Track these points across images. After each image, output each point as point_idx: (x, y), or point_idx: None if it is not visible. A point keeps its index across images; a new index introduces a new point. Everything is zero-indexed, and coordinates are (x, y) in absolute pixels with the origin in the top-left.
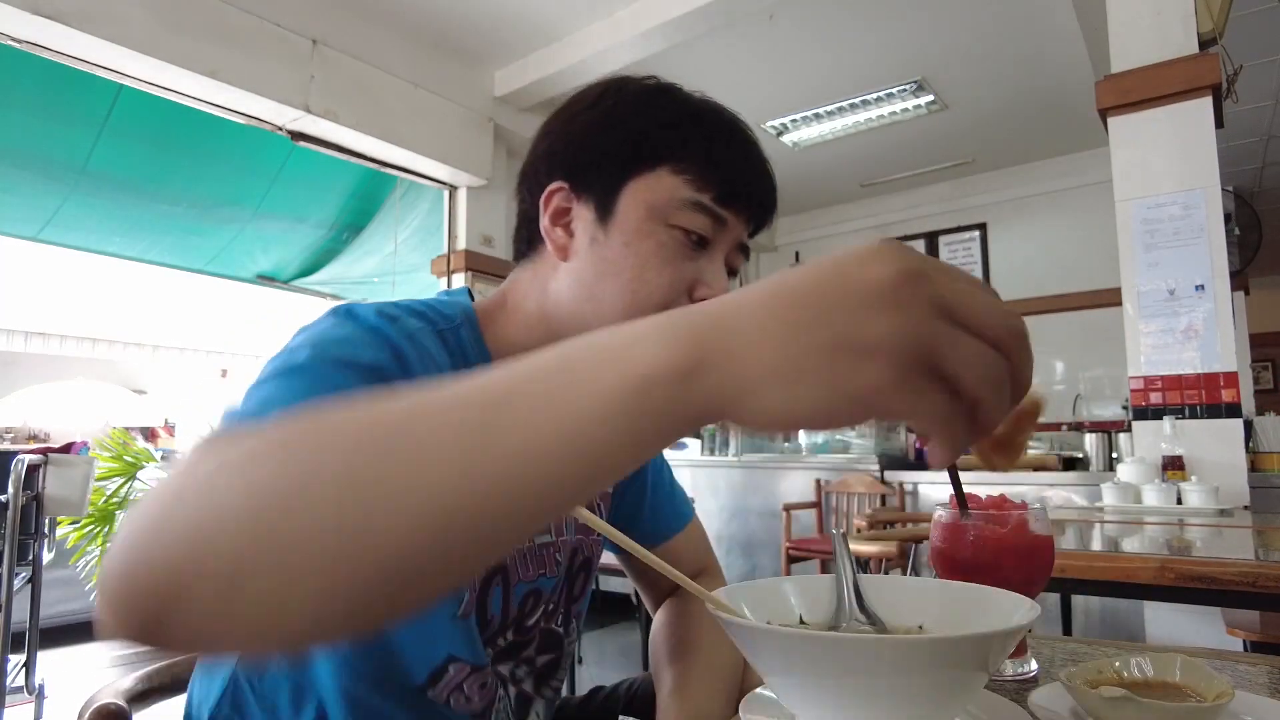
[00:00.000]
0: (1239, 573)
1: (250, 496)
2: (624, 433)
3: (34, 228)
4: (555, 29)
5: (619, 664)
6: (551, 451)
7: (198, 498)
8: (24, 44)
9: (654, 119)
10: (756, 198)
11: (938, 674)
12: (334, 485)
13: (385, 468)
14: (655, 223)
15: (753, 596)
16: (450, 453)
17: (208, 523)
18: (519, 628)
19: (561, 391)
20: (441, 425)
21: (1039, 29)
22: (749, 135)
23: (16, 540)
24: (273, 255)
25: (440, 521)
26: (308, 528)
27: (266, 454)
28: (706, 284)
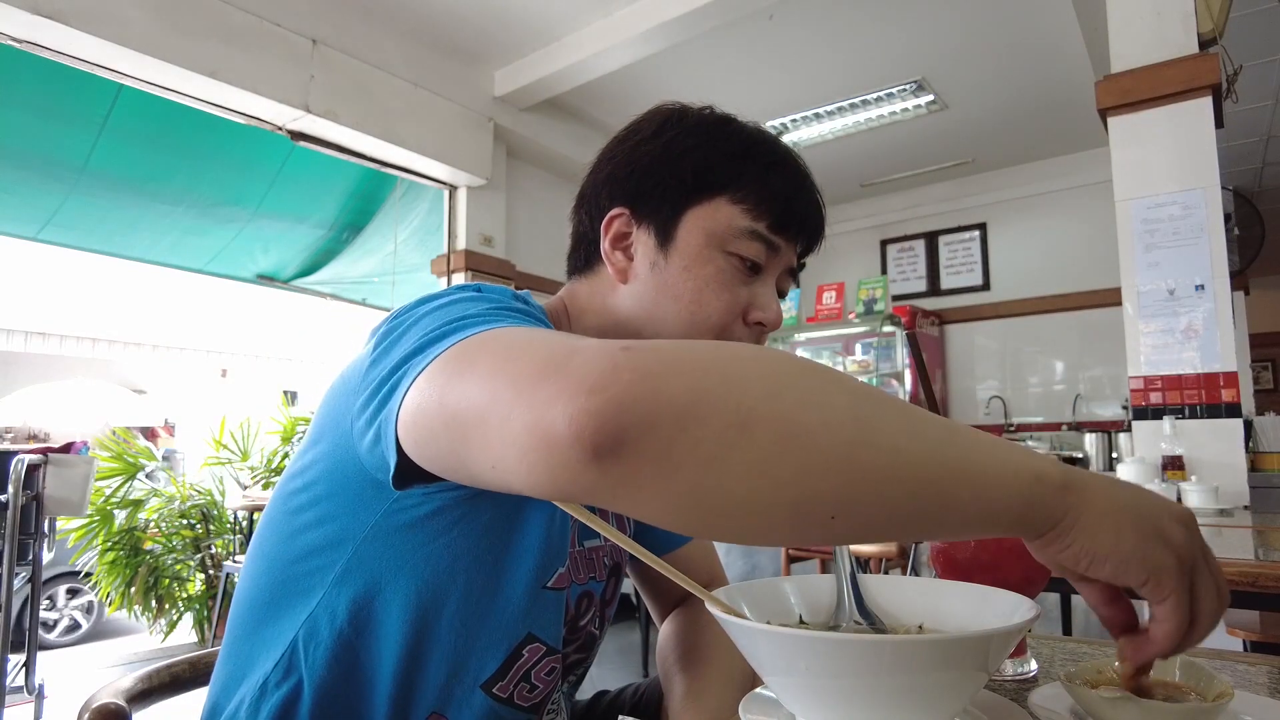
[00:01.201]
0: (1239, 573)
1: (782, 377)
2: (1010, 500)
3: (34, 228)
4: (555, 29)
5: (619, 663)
6: (973, 480)
7: (732, 364)
8: (24, 44)
9: (714, 150)
10: (809, 226)
11: (938, 674)
12: (850, 409)
13: (885, 421)
14: (713, 249)
15: (753, 596)
16: (932, 433)
17: (737, 374)
18: (573, 628)
19: (991, 446)
20: (921, 416)
21: (1039, 29)
22: (802, 166)
23: (16, 540)
24: (273, 255)
25: (901, 485)
26: (818, 421)
27: (797, 363)
28: (760, 308)
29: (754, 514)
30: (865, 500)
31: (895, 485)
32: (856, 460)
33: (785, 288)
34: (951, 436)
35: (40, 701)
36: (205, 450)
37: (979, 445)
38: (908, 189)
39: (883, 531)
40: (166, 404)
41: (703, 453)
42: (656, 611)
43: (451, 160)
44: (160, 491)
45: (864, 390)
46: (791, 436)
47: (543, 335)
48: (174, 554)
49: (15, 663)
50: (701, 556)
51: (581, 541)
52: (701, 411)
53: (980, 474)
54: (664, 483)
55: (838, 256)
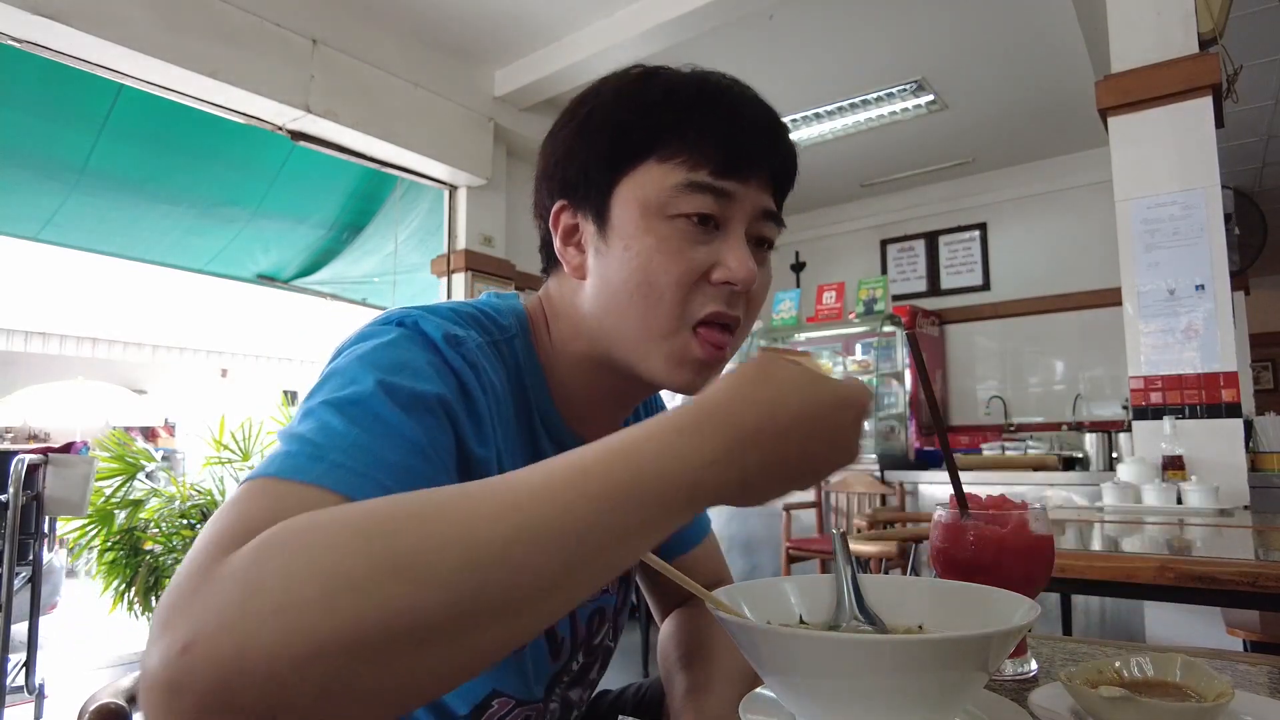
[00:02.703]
0: (1239, 572)
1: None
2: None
3: (34, 228)
4: (555, 29)
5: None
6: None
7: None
8: (24, 44)
9: (630, 113)
10: (766, 157)
11: (938, 674)
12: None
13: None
14: (653, 219)
15: (753, 596)
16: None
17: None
18: (588, 649)
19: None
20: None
21: (1039, 29)
22: (744, 94)
23: (16, 540)
24: (273, 255)
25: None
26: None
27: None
28: (725, 266)
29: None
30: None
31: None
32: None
33: (768, 234)
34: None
35: (40, 701)
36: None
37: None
38: (908, 189)
39: (550, 603)
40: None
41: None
42: (659, 611)
43: (451, 160)
44: (160, 491)
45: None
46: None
47: (236, 523)
48: (174, 554)
49: (15, 663)
50: (707, 559)
51: None
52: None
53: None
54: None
55: (838, 256)
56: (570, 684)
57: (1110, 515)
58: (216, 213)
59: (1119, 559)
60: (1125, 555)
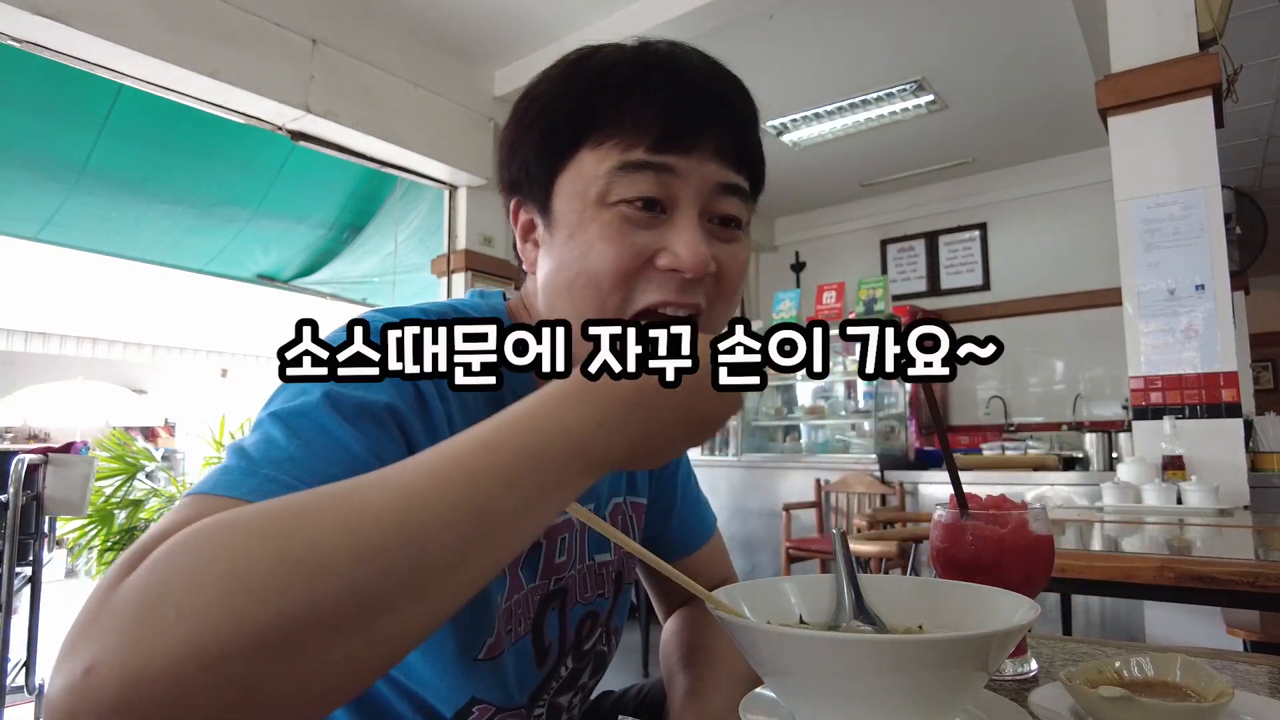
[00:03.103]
0: (1239, 572)
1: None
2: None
3: (34, 228)
4: (555, 28)
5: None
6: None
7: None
8: (24, 44)
9: (562, 101)
10: (708, 126)
11: (938, 674)
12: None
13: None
14: (593, 207)
15: (753, 596)
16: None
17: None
18: (577, 653)
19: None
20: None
21: (1039, 29)
22: (682, 61)
23: (16, 540)
24: (273, 255)
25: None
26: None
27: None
28: (670, 251)
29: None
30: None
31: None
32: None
33: (731, 211)
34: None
35: (40, 701)
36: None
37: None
38: (908, 189)
39: (449, 590)
40: (166, 404)
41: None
42: (663, 611)
43: (451, 160)
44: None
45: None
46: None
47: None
48: None
49: (15, 662)
50: (714, 559)
51: (592, 555)
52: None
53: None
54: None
55: (838, 256)
56: (559, 690)
57: (1110, 515)
58: (216, 213)
59: (1119, 559)
60: (1125, 555)
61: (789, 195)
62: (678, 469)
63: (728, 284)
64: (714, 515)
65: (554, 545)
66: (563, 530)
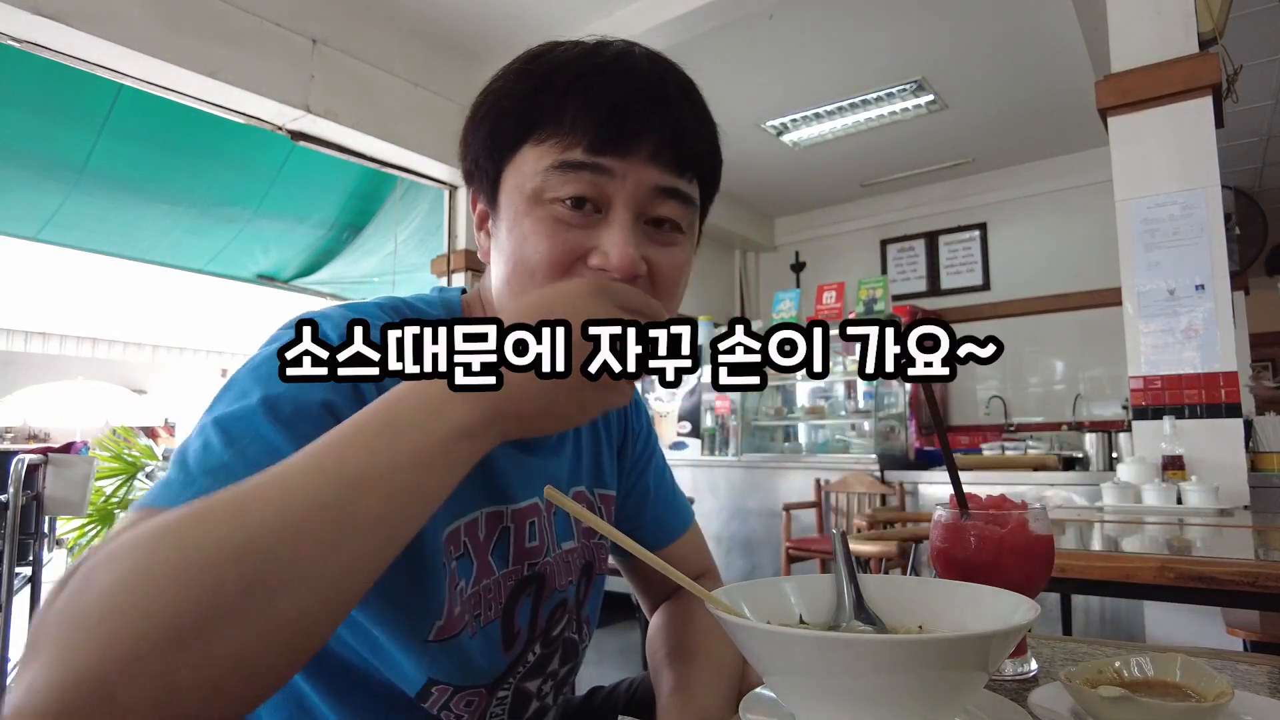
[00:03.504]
0: (1239, 572)
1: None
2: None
3: (34, 228)
4: (555, 28)
5: (619, 663)
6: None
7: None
8: (24, 44)
9: (510, 99)
10: (647, 131)
11: (938, 674)
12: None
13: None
14: (531, 203)
15: (753, 596)
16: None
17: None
18: (546, 639)
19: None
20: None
21: (1039, 29)
22: (628, 64)
23: (16, 540)
24: (273, 255)
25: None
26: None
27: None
28: (601, 251)
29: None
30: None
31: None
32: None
33: (670, 214)
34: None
35: None
36: None
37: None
38: (908, 189)
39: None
40: (166, 404)
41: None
42: (647, 605)
43: (452, 160)
44: None
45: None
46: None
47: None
48: None
49: (15, 662)
50: (692, 551)
51: (559, 544)
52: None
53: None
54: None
55: (838, 256)
56: (526, 676)
57: (1110, 515)
58: (216, 213)
59: (1119, 559)
60: (1125, 555)
61: (789, 195)
62: (650, 461)
63: (662, 286)
64: (690, 509)
65: (522, 530)
66: (530, 515)
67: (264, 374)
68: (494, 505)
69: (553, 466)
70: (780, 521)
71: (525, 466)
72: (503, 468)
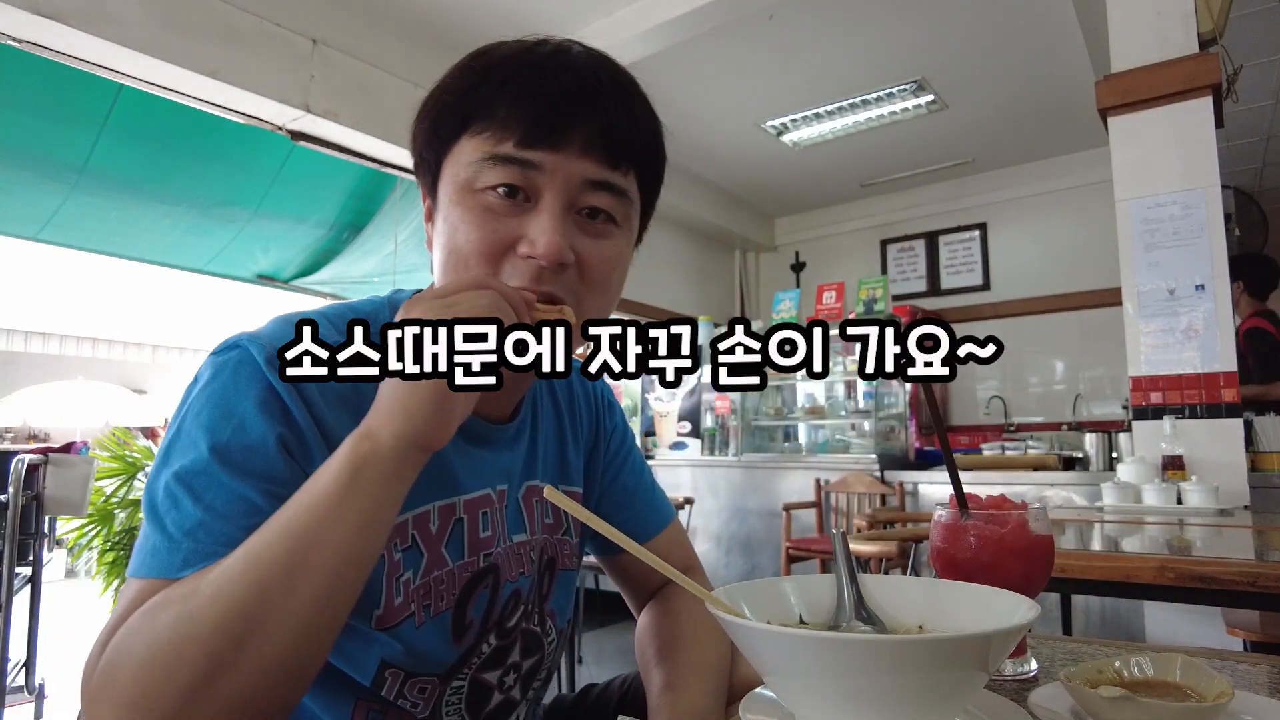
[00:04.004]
0: (1239, 572)
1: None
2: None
3: (34, 228)
4: (555, 28)
5: (619, 663)
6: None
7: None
8: (24, 44)
9: (450, 94)
10: (577, 124)
11: (938, 674)
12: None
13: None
14: (464, 193)
15: (753, 596)
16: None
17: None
18: (500, 630)
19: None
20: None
21: (1039, 29)
22: (563, 60)
23: (16, 540)
24: (273, 255)
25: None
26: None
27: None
28: (529, 240)
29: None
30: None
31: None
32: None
33: (602, 205)
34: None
35: (40, 701)
36: None
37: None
38: (908, 189)
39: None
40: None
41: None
42: (633, 602)
43: None
44: None
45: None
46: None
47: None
48: None
49: (15, 663)
50: (675, 548)
51: (510, 536)
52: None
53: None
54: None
55: (838, 256)
56: (483, 666)
57: (1110, 515)
58: (216, 213)
59: (1119, 559)
60: (1125, 555)
61: (789, 195)
62: (627, 459)
63: (592, 277)
64: (671, 507)
65: (476, 520)
66: (483, 505)
67: (205, 421)
68: (446, 498)
69: (505, 460)
70: (780, 521)
71: (476, 459)
72: (453, 462)
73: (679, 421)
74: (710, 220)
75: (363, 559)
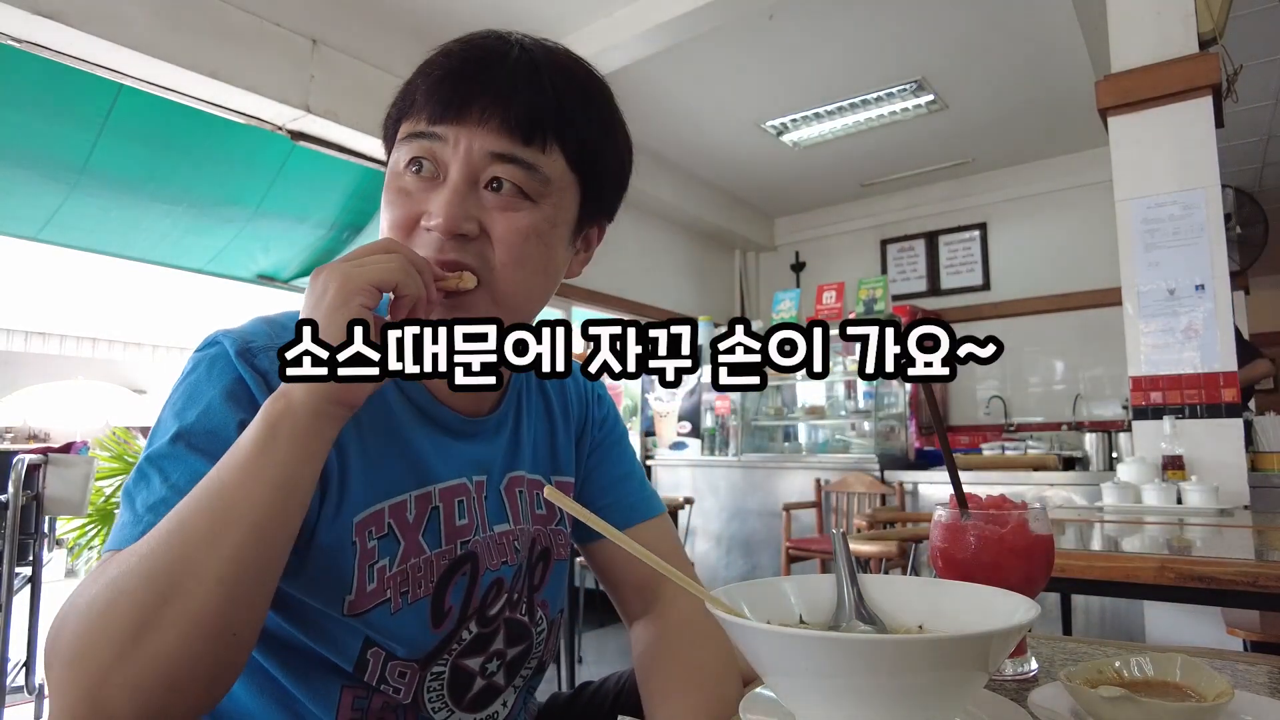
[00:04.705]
0: (1239, 572)
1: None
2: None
3: (34, 228)
4: (555, 28)
5: (619, 663)
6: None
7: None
8: (24, 44)
9: (404, 86)
10: (478, 96)
11: (938, 674)
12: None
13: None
14: (390, 176)
15: (753, 596)
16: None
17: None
18: (482, 618)
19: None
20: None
21: (1039, 29)
22: (479, 43)
23: (16, 540)
24: (273, 255)
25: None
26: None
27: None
28: (429, 213)
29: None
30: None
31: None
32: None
33: (504, 175)
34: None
35: (40, 701)
36: None
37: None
38: (908, 189)
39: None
40: None
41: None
42: (615, 598)
43: None
44: None
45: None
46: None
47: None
48: None
49: (15, 663)
50: (660, 539)
51: (491, 526)
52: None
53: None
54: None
55: (838, 256)
56: (464, 653)
57: (1110, 515)
58: (216, 213)
59: (1119, 559)
60: (1125, 555)
61: (789, 195)
62: (613, 447)
63: (503, 248)
64: (661, 502)
65: (451, 509)
66: (459, 494)
67: (178, 409)
68: (422, 487)
69: (482, 452)
70: (780, 521)
71: (450, 450)
72: (428, 454)
73: (679, 421)
74: (710, 220)
75: (284, 516)
